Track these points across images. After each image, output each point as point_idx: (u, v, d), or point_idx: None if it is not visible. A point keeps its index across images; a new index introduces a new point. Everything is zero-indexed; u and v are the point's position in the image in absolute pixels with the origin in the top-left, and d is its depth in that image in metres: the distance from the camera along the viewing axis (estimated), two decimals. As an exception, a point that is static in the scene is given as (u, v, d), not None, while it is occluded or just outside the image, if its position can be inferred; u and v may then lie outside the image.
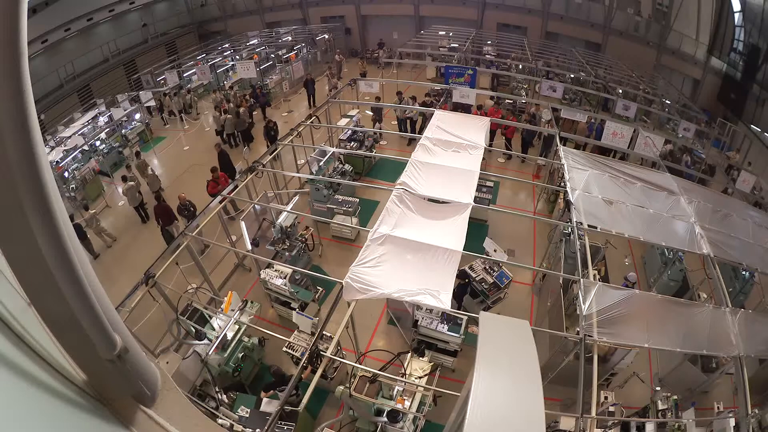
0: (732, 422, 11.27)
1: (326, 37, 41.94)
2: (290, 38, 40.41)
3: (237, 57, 34.90)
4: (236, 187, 15.68)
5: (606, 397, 11.95)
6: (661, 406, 12.29)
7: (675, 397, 12.47)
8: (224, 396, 11.15)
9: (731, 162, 28.96)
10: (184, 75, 32.75)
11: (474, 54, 34.77)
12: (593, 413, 9.58)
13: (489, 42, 38.59)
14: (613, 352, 12.91)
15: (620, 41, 41.53)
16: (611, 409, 11.51)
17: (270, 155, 16.84)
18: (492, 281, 14.80)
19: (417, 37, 38.59)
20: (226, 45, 40.15)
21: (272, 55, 35.91)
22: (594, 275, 12.98)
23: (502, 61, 34.77)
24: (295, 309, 13.30)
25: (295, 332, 12.09)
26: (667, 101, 34.80)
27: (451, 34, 38.71)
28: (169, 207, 18.11)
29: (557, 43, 42.59)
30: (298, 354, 11.49)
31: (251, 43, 40.17)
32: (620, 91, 31.99)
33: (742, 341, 11.42)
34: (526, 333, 2.40)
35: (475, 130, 17.34)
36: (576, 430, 9.37)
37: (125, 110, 26.65)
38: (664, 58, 40.90)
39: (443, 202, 13.62)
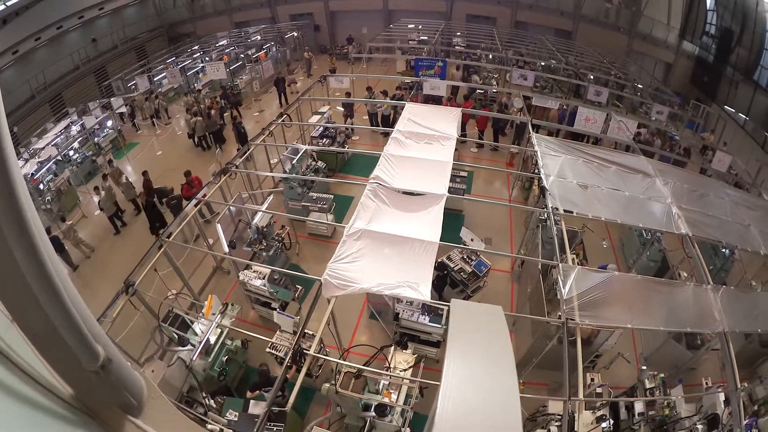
0: (722, 397, 11.45)
1: (295, 34, 41.84)
2: (259, 37, 40.21)
3: (206, 59, 34.59)
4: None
5: (592, 379, 12.05)
6: (648, 385, 12.41)
7: (662, 375, 12.60)
8: (212, 401, 11.10)
9: (706, 143, 29.33)
10: (155, 79, 32.42)
11: (444, 46, 34.94)
12: (581, 395, 9.69)
13: (458, 33, 38.71)
14: (596, 334, 13.03)
15: (591, 28, 41.98)
16: (598, 390, 11.60)
17: (242, 156, 16.77)
18: (471, 270, 14.81)
19: (386, 31, 38.67)
20: (196, 47, 39.86)
21: (242, 56, 35.71)
22: (572, 259, 13.17)
23: (471, 51, 34.90)
24: (275, 309, 13.25)
25: (278, 332, 12.02)
26: (639, 85, 35.26)
27: (420, 26, 38.90)
28: (150, 182, 18.97)
29: (527, 32, 42.78)
30: (281, 354, 11.45)
31: (220, 44, 39.93)
32: (592, 77, 32.15)
33: (725, 317, 11.57)
34: (499, 318, 2.42)
35: (446, 121, 17.38)
36: (564, 413, 9.46)
37: (97, 118, 26.29)
38: (635, 43, 41.47)
39: (418, 194, 13.62)
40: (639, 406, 11.88)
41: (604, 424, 10.41)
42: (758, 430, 10.80)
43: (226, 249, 14.82)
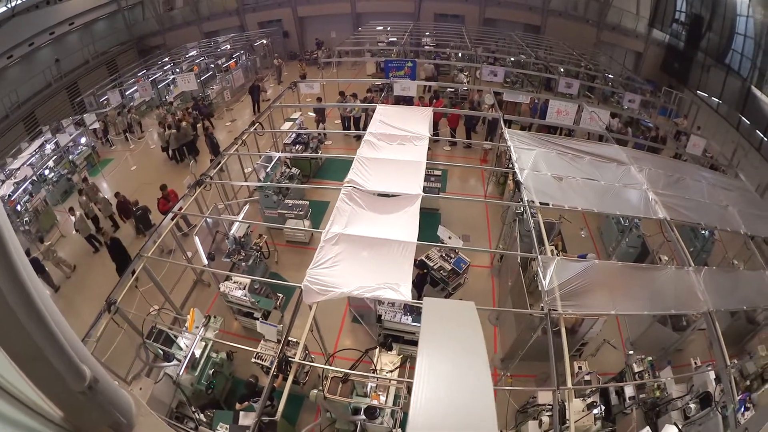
0: (712, 375, 11.62)
1: (264, 42, 41.74)
2: (229, 46, 40.00)
3: (177, 70, 34.42)
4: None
5: (580, 367, 12.20)
6: (636, 369, 12.54)
7: (650, 358, 12.75)
8: (201, 415, 11.02)
9: (680, 128, 29.68)
10: (126, 93, 32.12)
11: (413, 46, 35.06)
12: (569, 384, 9.73)
13: (427, 33, 38.91)
14: (580, 322, 13.15)
15: (559, 21, 42.47)
16: (587, 378, 11.72)
17: (216, 167, 16.65)
18: (450, 268, 14.87)
19: (355, 34, 38.78)
20: (166, 59, 39.58)
21: (212, 66, 35.54)
22: (551, 250, 13.22)
23: (441, 50, 35.08)
24: (258, 319, 13.23)
25: (262, 342, 12.04)
26: (610, 76, 35.66)
27: (389, 28, 39.04)
28: (128, 201, 18.76)
29: (496, 28, 43.10)
30: (267, 363, 11.47)
31: (190, 54, 39.72)
32: (562, 69, 32.64)
33: (709, 297, 11.73)
34: (471, 314, 2.47)
35: (418, 121, 17.45)
36: (554, 402, 9.56)
37: (71, 135, 26.01)
38: (604, 34, 42.09)
39: (393, 196, 13.66)
40: (629, 390, 12.02)
41: (595, 411, 10.55)
42: (753, 404, 10.81)
43: (205, 261, 14.80)
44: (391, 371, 11.11)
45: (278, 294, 14.67)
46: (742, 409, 10.46)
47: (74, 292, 17.67)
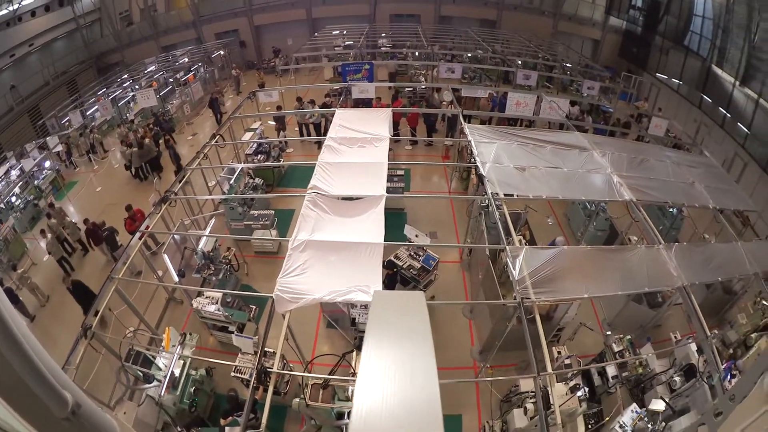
0: (693, 347, 11.93)
1: (222, 53, 41.54)
2: (187, 59, 39.72)
3: (136, 87, 33.86)
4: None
5: (559, 352, 12.25)
6: (616, 348, 12.74)
7: (628, 337, 12.97)
8: (188, 434, 11.00)
9: (641, 111, 30.22)
10: (87, 113, 31.60)
11: (370, 48, 35.22)
12: (549, 369, 9.88)
13: (383, 34, 39.10)
14: (554, 308, 13.34)
15: (515, 15, 42.95)
16: (567, 362, 11.80)
17: (179, 182, 16.54)
18: (420, 266, 15.00)
19: (311, 40, 38.67)
20: (125, 76, 38.83)
21: (171, 80, 35.17)
22: (519, 240, 13.33)
23: (397, 51, 35.26)
24: (233, 332, 13.21)
25: (239, 355, 11.95)
26: (568, 65, 36.18)
27: (345, 32, 38.99)
28: (97, 226, 18.29)
29: (452, 25, 43.44)
30: (246, 376, 11.41)
31: (149, 70, 39.06)
32: (519, 62, 32.98)
33: (683, 272, 12.01)
34: (419, 305, 2.48)
35: (377, 123, 17.55)
36: (536, 388, 9.69)
37: (35, 159, 25.55)
38: (561, 24, 42.76)
39: (357, 198, 13.71)
40: (611, 370, 12.21)
41: (579, 393, 10.69)
42: (739, 371, 11.05)
43: (176, 278, 14.70)
44: None
45: (251, 306, 14.69)
46: (729, 376, 10.68)
47: (50, 320, 17.38)
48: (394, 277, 14.70)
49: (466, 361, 14.43)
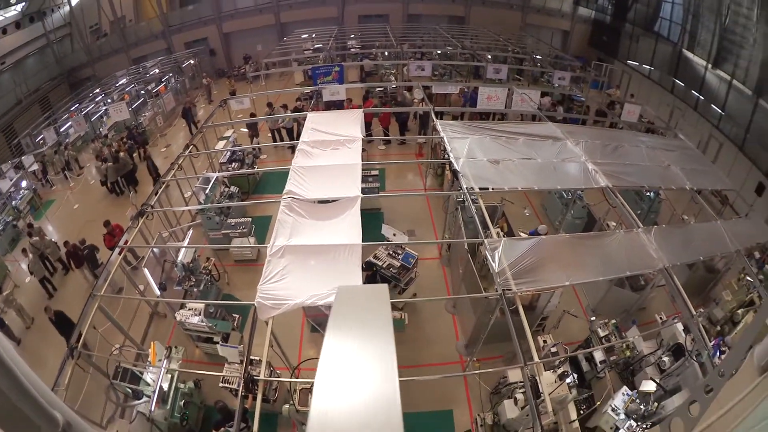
0: (680, 327, 12.06)
1: (192, 62, 41.37)
2: (157, 70, 39.46)
3: (108, 100, 33.62)
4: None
5: (545, 341, 12.47)
6: (602, 333, 12.92)
7: (614, 321, 13.17)
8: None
9: (613, 98, 30.56)
10: (61, 130, 31.27)
11: (339, 51, 35.20)
12: (536, 359, 9.97)
13: (352, 36, 39.12)
14: (537, 298, 13.50)
15: (483, 10, 43.27)
16: (553, 350, 11.95)
17: (155, 195, 16.35)
18: (399, 264, 15.08)
19: (281, 44, 38.63)
20: (97, 90, 38.48)
21: (142, 92, 34.98)
22: (497, 233, 13.48)
23: (367, 51, 35.31)
24: (218, 342, 13.16)
25: (226, 365, 11.98)
26: (538, 57, 36.49)
27: (314, 35, 38.90)
28: (77, 247, 18.06)
29: (420, 23, 43.52)
30: (235, 386, 11.44)
31: (120, 83, 38.75)
32: (489, 56, 33.05)
33: (663, 254, 12.18)
34: (382, 298, 2.49)
35: (349, 124, 17.59)
36: (524, 378, 9.74)
37: (11, 180, 25.26)
38: (530, 17, 43.25)
39: (333, 201, 13.72)
40: (599, 355, 12.42)
41: (568, 380, 10.79)
42: (728, 347, 11.23)
43: (158, 292, 14.66)
44: None
45: (234, 315, 14.68)
46: (718, 353, 10.85)
47: (36, 342, 17.21)
48: (373, 277, 14.79)
49: (453, 356, 14.52)
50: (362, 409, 1.95)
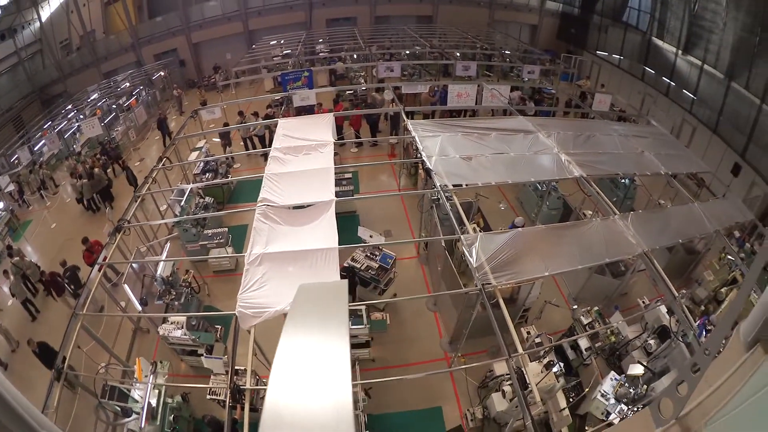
0: (663, 309, 12.30)
1: (162, 74, 41.05)
2: (128, 84, 39.05)
3: (81, 116, 33.10)
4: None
5: (528, 332, 12.59)
6: (585, 321, 13.17)
7: (596, 308, 13.40)
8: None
9: (584, 89, 30.95)
10: (35, 149, 30.87)
11: (308, 55, 35.19)
12: (520, 350, 10.03)
13: (321, 40, 39.01)
14: (517, 290, 13.71)
15: (451, 8, 43.52)
16: (537, 340, 12.04)
17: (131, 209, 16.15)
18: (378, 266, 15.23)
19: (250, 52, 38.44)
20: (69, 106, 37.90)
21: (114, 106, 34.67)
22: (474, 228, 13.61)
23: (336, 55, 35.36)
24: (202, 355, 13.22)
25: (212, 377, 11.96)
26: (506, 52, 36.66)
27: (282, 41, 38.93)
28: (56, 274, 17.86)
29: (388, 25, 43.72)
30: (222, 397, 11.40)
31: (92, 98, 38.23)
32: (458, 54, 33.43)
33: (641, 239, 12.37)
34: (339, 294, 2.48)
35: (320, 129, 17.60)
36: (510, 370, 9.82)
37: (-12, 202, 25.02)
38: (498, 13, 43.64)
39: (307, 206, 13.75)
40: (583, 342, 12.62)
41: (554, 369, 10.91)
42: (713, 326, 11.39)
43: (139, 308, 14.62)
44: None
45: (216, 326, 14.65)
46: (704, 332, 11.01)
47: (22, 365, 16.96)
48: (353, 280, 14.87)
49: (437, 354, 14.66)
50: (315, 405, 1.96)
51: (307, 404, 1.88)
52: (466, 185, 15.02)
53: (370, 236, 15.91)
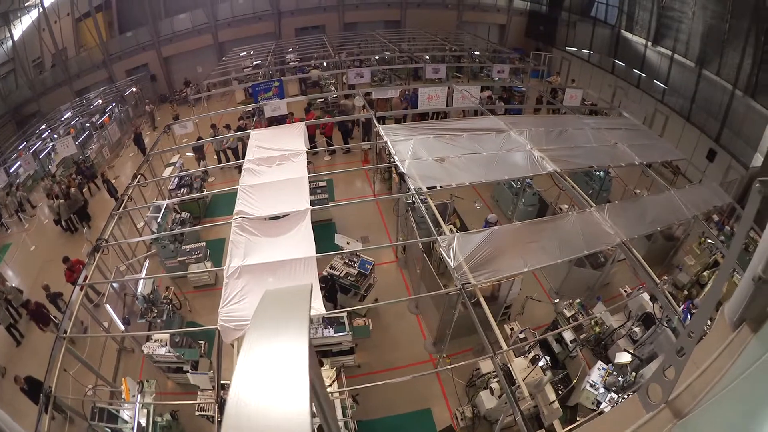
0: (646, 296, 12.57)
1: (134, 90, 40.81)
2: (101, 101, 38.70)
3: (55, 136, 32.70)
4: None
5: (512, 329, 12.81)
6: (568, 314, 13.38)
7: (578, 300, 13.63)
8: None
9: (554, 85, 31.27)
10: (11, 170, 30.05)
11: (278, 65, 35.21)
12: (504, 347, 10.17)
13: (290, 49, 39.03)
14: (498, 288, 13.86)
15: (419, 12, 43.97)
16: (521, 336, 12.25)
17: (110, 229, 15.95)
18: (357, 272, 15.31)
19: (220, 64, 38.38)
20: (43, 126, 37.32)
21: (87, 124, 34.36)
22: (450, 229, 13.77)
23: (306, 64, 35.43)
24: (188, 371, 13.21)
25: (199, 392, 12.01)
26: (476, 52, 37.08)
27: (252, 52, 38.87)
28: (40, 306, 17.47)
29: (357, 31, 43.90)
30: (211, 412, 11.44)
31: (65, 117, 37.68)
32: (427, 57, 33.46)
33: (619, 229, 12.57)
34: (302, 295, 2.48)
35: (292, 138, 17.63)
36: (495, 367, 9.93)
37: (-34, 228, 24.68)
38: (466, 14, 44.09)
39: (283, 216, 13.82)
40: (568, 335, 12.84)
41: (540, 363, 11.10)
42: (698, 309, 11.50)
43: (122, 327, 14.59)
44: (329, 385, 11.36)
45: (200, 341, 14.64)
46: (688, 316, 11.34)
47: (10, 392, 16.67)
48: (333, 288, 14.93)
49: (422, 356, 14.77)
50: (273, 408, 1.97)
51: (266, 407, 1.94)
52: (441, 187, 15.09)
53: (348, 243, 15.92)
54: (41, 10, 37.69)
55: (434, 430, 12.81)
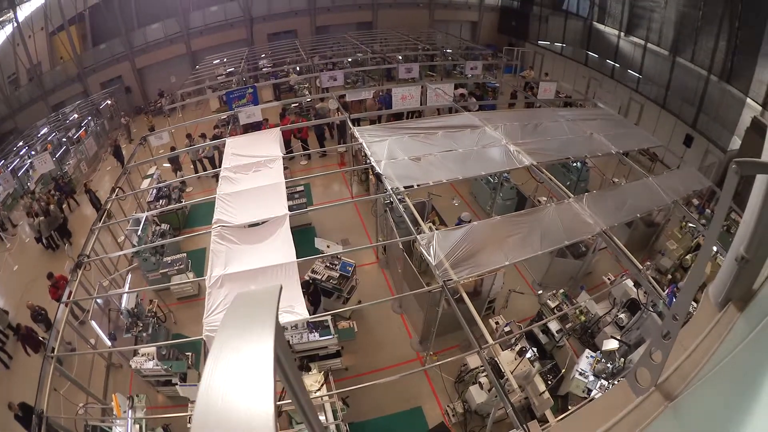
0: (630, 283, 12.81)
1: (109, 102, 40.60)
2: (76, 115, 38.33)
3: (32, 153, 32.49)
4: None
5: (497, 322, 12.98)
6: (552, 304, 13.58)
7: (562, 290, 13.82)
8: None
9: (528, 80, 31.59)
10: None
11: (251, 72, 35.12)
12: (490, 341, 10.20)
13: (263, 55, 39.11)
14: (480, 283, 13.89)
15: (390, 12, 44.17)
16: (507, 329, 12.36)
17: (90, 244, 15.82)
18: (338, 275, 15.41)
19: (193, 73, 38.30)
20: (20, 143, 36.84)
21: (64, 139, 33.98)
22: (429, 227, 13.75)
23: (279, 69, 35.55)
24: (177, 384, 13.12)
25: (190, 404, 11.99)
26: (448, 50, 37.40)
27: (225, 59, 38.83)
28: (30, 330, 17.31)
29: (329, 34, 43.93)
30: None
31: (42, 133, 37.35)
32: (400, 57, 33.66)
33: (599, 218, 12.72)
34: (270, 296, 2.45)
35: (268, 144, 17.67)
36: (482, 361, 10.05)
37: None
38: (437, 13, 44.44)
39: (262, 223, 13.90)
40: (553, 325, 13.00)
41: (527, 355, 11.20)
42: None
43: (108, 343, 14.55)
44: (318, 390, 11.44)
45: (187, 353, 14.62)
46: (673, 299, 11.26)
47: (6, 418, 16.93)
48: (316, 292, 14.93)
49: (409, 355, 14.88)
50: (240, 410, 1.86)
51: (233, 406, 1.84)
52: (418, 186, 15.20)
53: (328, 246, 15.93)
54: (15, 24, 37.31)
55: (426, 427, 12.89)
